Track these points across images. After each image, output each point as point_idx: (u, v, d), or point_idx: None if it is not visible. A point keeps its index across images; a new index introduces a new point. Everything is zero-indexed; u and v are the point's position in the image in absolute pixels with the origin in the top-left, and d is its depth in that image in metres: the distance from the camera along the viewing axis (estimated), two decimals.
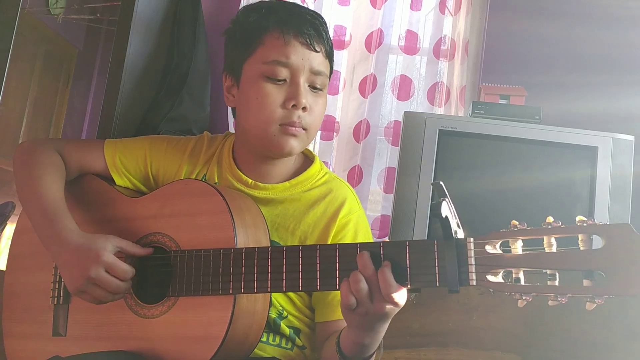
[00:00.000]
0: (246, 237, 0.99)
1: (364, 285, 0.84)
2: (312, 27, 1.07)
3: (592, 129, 1.75)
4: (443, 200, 0.78)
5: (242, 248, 0.96)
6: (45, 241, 1.05)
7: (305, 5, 2.27)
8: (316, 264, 0.90)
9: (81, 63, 2.45)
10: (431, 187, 1.72)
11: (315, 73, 1.07)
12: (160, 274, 1.04)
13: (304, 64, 1.05)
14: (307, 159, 1.18)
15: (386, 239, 2.03)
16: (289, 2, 1.12)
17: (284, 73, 1.05)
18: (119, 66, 1.66)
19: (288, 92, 1.05)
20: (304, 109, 1.05)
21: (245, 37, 1.09)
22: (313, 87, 1.07)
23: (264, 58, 1.06)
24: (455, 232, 0.80)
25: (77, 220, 1.07)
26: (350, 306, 0.85)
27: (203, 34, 2.01)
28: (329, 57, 1.11)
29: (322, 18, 1.12)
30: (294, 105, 1.04)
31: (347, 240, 1.09)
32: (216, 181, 1.15)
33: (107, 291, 0.99)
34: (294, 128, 1.05)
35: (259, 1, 1.14)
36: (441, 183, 0.78)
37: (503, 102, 1.98)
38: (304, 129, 1.07)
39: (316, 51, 1.06)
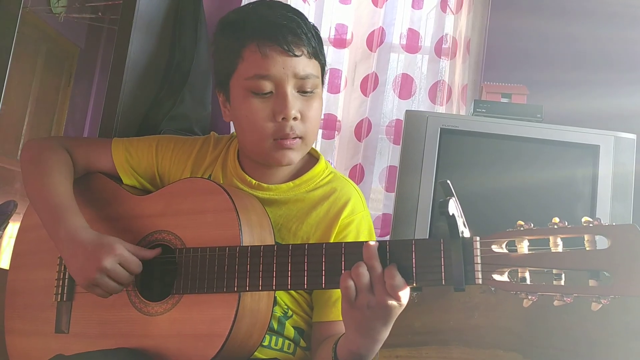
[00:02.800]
0: (252, 237, 0.99)
1: (363, 271, 0.83)
2: (289, 32, 1.03)
3: (593, 128, 1.75)
4: (450, 198, 0.77)
5: (248, 246, 0.96)
6: (54, 237, 1.05)
7: (307, 5, 2.27)
8: (322, 262, 0.89)
9: (83, 62, 2.44)
10: (433, 186, 1.72)
11: (301, 78, 1.04)
12: (165, 272, 1.04)
13: (286, 72, 1.02)
14: (312, 158, 1.17)
15: (388, 238, 2.03)
16: (264, 7, 1.08)
17: (268, 86, 1.03)
18: (121, 65, 1.65)
19: (275, 105, 1.03)
20: (295, 118, 1.03)
21: (225, 54, 1.07)
22: (303, 92, 1.05)
23: (246, 74, 1.04)
24: (462, 232, 0.80)
25: (84, 218, 1.07)
26: (348, 290, 0.83)
27: (204, 32, 2.00)
28: (315, 55, 1.07)
29: (300, 17, 1.07)
30: (283, 118, 1.03)
31: (349, 240, 1.07)
32: (221, 182, 1.15)
33: (117, 284, 0.99)
34: (288, 142, 1.04)
35: (236, 10, 1.11)
36: (448, 182, 0.78)
37: (505, 100, 1.98)
38: (300, 138, 1.05)
39: (297, 56, 1.03)
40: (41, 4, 2.19)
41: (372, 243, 0.85)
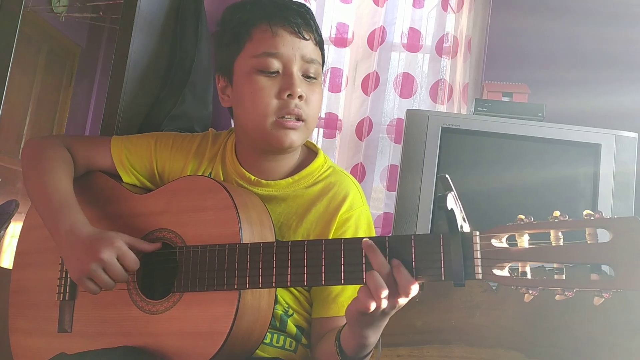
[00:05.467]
0: (252, 234, 0.99)
1: (385, 290, 0.83)
2: (298, 16, 1.06)
3: (595, 126, 1.75)
4: (449, 193, 0.77)
5: (248, 243, 0.95)
6: (54, 233, 1.05)
7: (308, 4, 2.27)
8: (321, 259, 0.89)
9: (84, 61, 2.45)
10: (434, 185, 1.72)
11: (307, 61, 1.06)
12: (166, 270, 1.04)
13: (295, 52, 1.05)
14: (311, 153, 1.17)
15: None
16: None
17: (275, 65, 1.04)
18: (122, 64, 1.65)
19: (282, 82, 1.04)
20: (300, 97, 1.04)
21: (233, 35, 1.09)
22: (307, 76, 1.07)
23: (254, 52, 1.05)
24: (461, 226, 0.79)
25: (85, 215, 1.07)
26: (367, 310, 0.84)
27: (205, 31, 2.00)
28: (319, 45, 1.10)
29: (307, 7, 1.11)
30: (289, 95, 1.04)
31: (348, 236, 1.08)
32: (222, 179, 1.15)
33: (111, 279, 0.99)
34: (291, 122, 1.04)
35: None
36: (447, 176, 0.78)
37: (506, 99, 1.97)
38: (302, 120, 1.06)
39: (305, 39, 1.06)
40: (42, 4, 2.20)
41: (377, 250, 0.84)
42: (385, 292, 0.83)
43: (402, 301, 0.84)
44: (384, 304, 0.84)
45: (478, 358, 1.53)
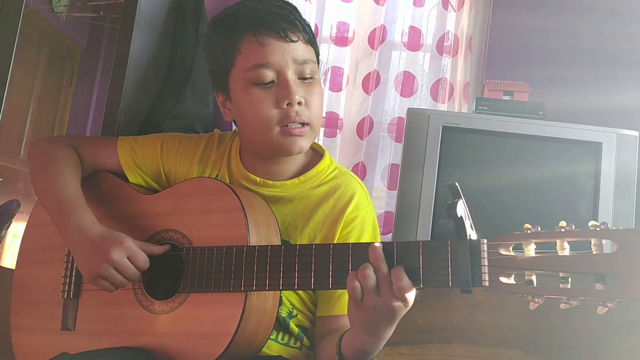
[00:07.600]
0: (258, 237, 0.99)
1: (370, 273, 0.84)
2: (282, 19, 1.04)
3: (596, 125, 1.75)
4: (458, 200, 0.78)
5: (255, 246, 0.96)
6: (63, 232, 1.06)
7: (309, 3, 2.27)
8: (329, 263, 0.90)
9: (85, 60, 2.45)
10: (435, 183, 1.72)
11: (300, 63, 1.05)
12: (172, 271, 1.04)
13: (286, 58, 1.03)
14: (317, 154, 1.17)
15: (390, 236, 2.04)
16: (252, 1, 1.10)
17: (269, 75, 1.03)
18: (123, 63, 1.65)
19: (278, 92, 1.03)
20: (299, 103, 1.04)
21: (221, 51, 1.08)
22: (303, 78, 1.06)
23: (245, 65, 1.04)
24: (469, 234, 0.80)
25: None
26: (355, 290, 0.84)
27: (206, 30, 2.00)
28: (310, 42, 1.08)
29: (291, 6, 1.09)
30: (288, 104, 1.03)
31: (353, 236, 1.08)
32: (227, 181, 1.15)
33: (122, 278, 1.00)
34: (297, 130, 1.04)
35: (225, 9, 1.11)
36: (456, 184, 0.78)
37: (506, 98, 1.98)
38: (307, 124, 1.06)
39: (293, 41, 1.04)
40: (43, 3, 2.20)
41: (377, 244, 0.85)
42: (370, 277, 0.83)
43: (397, 303, 0.84)
44: (372, 293, 0.83)
45: (479, 356, 1.54)
